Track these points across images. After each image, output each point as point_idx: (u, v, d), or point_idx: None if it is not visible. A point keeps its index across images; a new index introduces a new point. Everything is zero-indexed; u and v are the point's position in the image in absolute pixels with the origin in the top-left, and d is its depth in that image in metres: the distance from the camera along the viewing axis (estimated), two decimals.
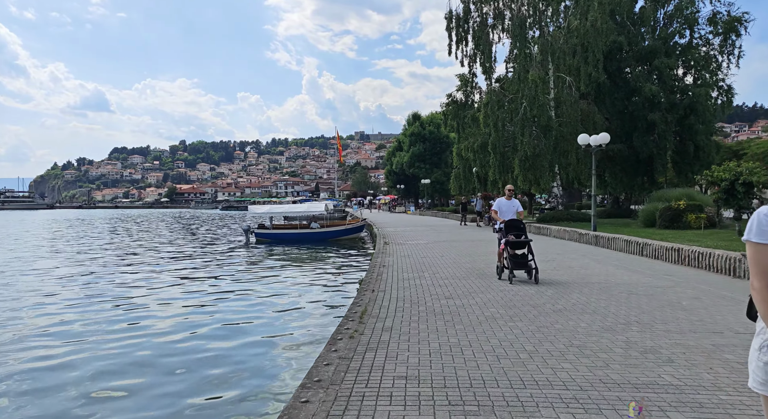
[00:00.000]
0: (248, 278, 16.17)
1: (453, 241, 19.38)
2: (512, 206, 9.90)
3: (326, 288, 14.00)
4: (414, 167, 64.63)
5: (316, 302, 11.84)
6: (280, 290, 13.35)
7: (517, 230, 9.47)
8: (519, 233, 9.44)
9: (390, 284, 9.41)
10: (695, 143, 30.36)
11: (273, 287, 13.97)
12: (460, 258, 13.47)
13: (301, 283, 14.75)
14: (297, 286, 14.20)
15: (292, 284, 14.57)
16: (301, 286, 14.21)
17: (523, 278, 9.60)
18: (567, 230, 19.25)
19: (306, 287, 13.95)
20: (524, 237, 9.44)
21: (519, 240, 9.32)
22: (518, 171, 26.33)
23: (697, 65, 30.97)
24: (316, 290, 13.47)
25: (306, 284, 14.65)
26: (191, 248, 27.79)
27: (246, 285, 14.70)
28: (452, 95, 31.19)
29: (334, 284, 14.51)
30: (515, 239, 9.31)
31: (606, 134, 18.59)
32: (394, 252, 15.30)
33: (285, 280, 15.28)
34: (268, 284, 14.77)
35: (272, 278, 15.92)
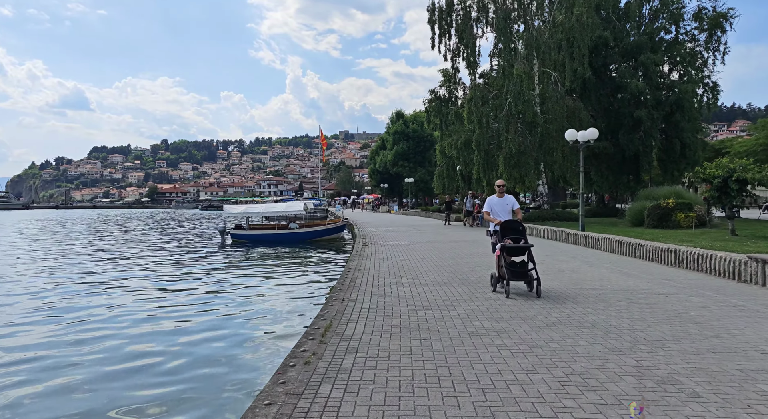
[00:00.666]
0: (216, 282, 15.07)
1: (435, 242, 18.47)
2: (506, 205, 8.51)
3: (297, 295, 12.97)
4: (398, 166, 63.75)
5: (282, 313, 10.81)
6: (246, 298, 12.28)
7: (515, 233, 7.97)
8: (517, 236, 7.94)
9: (363, 291, 8.43)
10: (681, 140, 29.87)
11: (240, 294, 12.89)
12: (442, 261, 12.55)
13: (272, 289, 13.70)
14: (266, 293, 13.14)
15: (260, 291, 13.50)
16: (271, 293, 13.16)
17: (521, 290, 8.29)
18: (554, 230, 18.45)
19: (276, 295, 12.90)
20: (523, 241, 7.93)
21: (517, 245, 7.81)
22: (503, 169, 25.54)
23: (683, 61, 30.51)
24: (284, 297, 12.42)
25: (277, 290, 13.60)
26: (159, 250, 26.52)
27: (210, 292, 13.61)
28: (435, 91, 30.31)
29: (307, 290, 13.48)
30: (513, 244, 7.82)
31: (594, 130, 17.84)
32: (372, 254, 14.33)
33: (255, 286, 14.21)
34: (235, 290, 13.70)
35: (241, 283, 14.84)
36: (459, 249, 15.41)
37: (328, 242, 28.78)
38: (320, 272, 16.69)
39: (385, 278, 9.89)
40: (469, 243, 17.50)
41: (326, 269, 17.14)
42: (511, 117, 25.56)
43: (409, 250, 15.46)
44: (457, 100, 30.48)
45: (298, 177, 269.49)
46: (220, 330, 9.21)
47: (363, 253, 14.66)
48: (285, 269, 17.67)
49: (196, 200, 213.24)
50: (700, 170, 16.67)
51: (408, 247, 16.49)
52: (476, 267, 11.24)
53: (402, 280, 9.56)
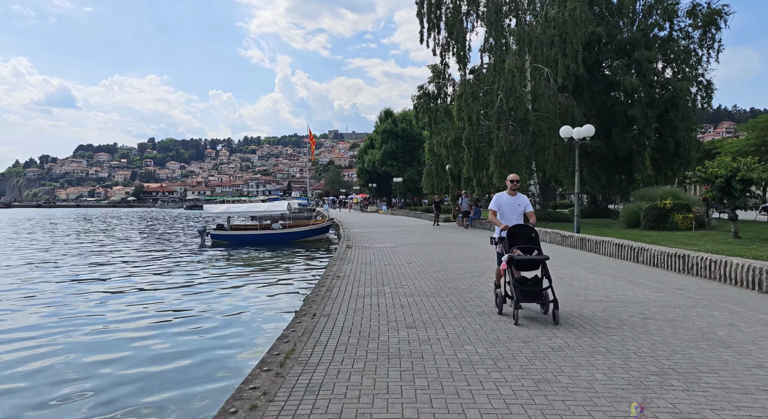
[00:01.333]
0: (186, 290, 13.95)
1: (423, 244, 17.47)
2: (517, 205, 6.75)
3: (271, 305, 11.90)
4: (386, 165, 62.75)
5: (250, 328, 9.74)
6: (212, 312, 11.17)
7: (526, 242, 6.34)
8: (529, 246, 6.33)
9: (339, 304, 7.39)
10: (676, 139, 29.16)
11: (206, 306, 11.77)
12: (429, 266, 11.54)
13: (244, 299, 12.60)
14: (237, 302, 12.04)
15: (231, 301, 12.41)
16: (243, 302, 12.06)
17: (532, 311, 6.64)
18: (548, 232, 17.53)
19: (248, 304, 11.81)
20: (537, 252, 6.32)
21: (528, 258, 6.15)
22: (494, 168, 24.61)
23: (678, 59, 29.81)
24: (255, 308, 11.33)
25: (250, 299, 12.51)
26: (134, 251, 25.28)
27: (176, 302, 12.50)
28: (423, 87, 29.32)
29: (284, 300, 12.41)
30: (523, 256, 6.17)
31: (590, 127, 16.95)
32: (355, 258, 13.30)
33: (226, 294, 13.11)
34: (204, 300, 12.60)
35: (212, 290, 13.74)
36: (448, 253, 14.42)
37: (312, 244, 27.70)
38: (301, 277, 15.62)
39: (365, 286, 8.86)
40: (459, 246, 16.52)
41: (307, 274, 16.08)
42: (503, 114, 24.64)
43: (394, 253, 14.44)
44: (447, 97, 29.54)
45: (286, 177, 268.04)
46: (173, 352, 8.11)
47: (345, 257, 13.62)
48: (263, 274, 16.58)
49: (183, 199, 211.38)
50: (701, 169, 15.85)
51: (394, 250, 15.47)
52: (466, 274, 10.24)
53: (384, 289, 8.53)
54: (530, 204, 6.86)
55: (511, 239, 6.36)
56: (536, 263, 6.24)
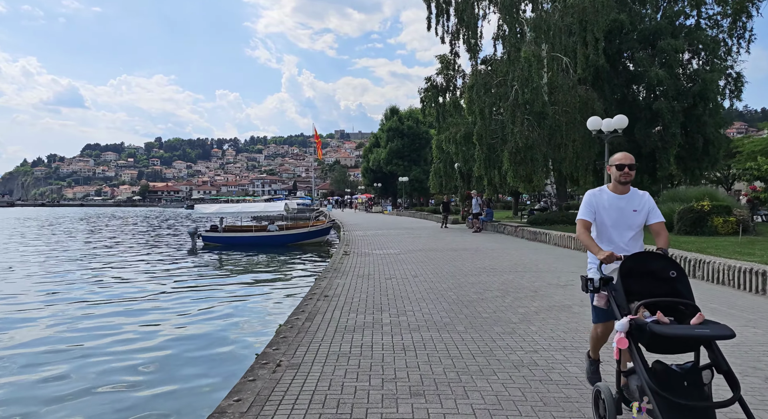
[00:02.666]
0: (155, 306, 12.02)
1: (431, 250, 15.46)
2: (632, 212, 3.62)
3: (240, 336, 9.94)
4: (392, 164, 60.69)
5: (215, 361, 7.77)
6: (177, 336, 9.23)
7: (663, 288, 3.13)
8: (673, 300, 3.04)
9: (317, 343, 5.40)
10: (704, 136, 26.94)
11: (166, 332, 9.83)
12: (439, 281, 9.53)
13: (220, 316, 10.65)
14: (201, 330, 10.07)
15: (205, 318, 10.46)
16: (211, 327, 10.10)
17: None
18: (572, 238, 15.46)
19: (219, 327, 9.85)
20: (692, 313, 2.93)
21: (684, 334, 2.80)
22: (508, 166, 22.56)
23: (706, 49, 27.57)
24: (216, 345, 9.35)
25: (226, 318, 10.56)
26: (119, 254, 23.41)
27: (150, 313, 10.58)
28: (431, 79, 27.25)
29: (255, 323, 10.44)
30: (674, 332, 2.80)
31: (623, 117, 14.94)
32: (350, 269, 11.31)
33: (202, 313, 11.16)
34: (178, 314, 10.66)
35: (184, 309, 11.80)
36: (460, 262, 12.39)
37: (311, 247, 25.74)
38: (287, 293, 13.65)
39: (358, 313, 6.86)
40: (472, 253, 14.49)
41: (296, 289, 14.11)
42: (518, 107, 22.58)
43: (398, 263, 12.43)
44: (456, 89, 27.49)
45: (292, 176, 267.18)
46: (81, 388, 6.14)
47: (340, 267, 11.62)
48: (246, 288, 14.62)
49: (188, 198, 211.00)
50: (753, 165, 13.79)
51: (398, 258, 13.47)
52: (485, 293, 8.23)
53: (382, 318, 6.53)
54: (656, 209, 3.74)
55: (629, 281, 3.15)
56: (697, 342, 2.90)
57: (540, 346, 5.13)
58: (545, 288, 8.64)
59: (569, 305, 7.17)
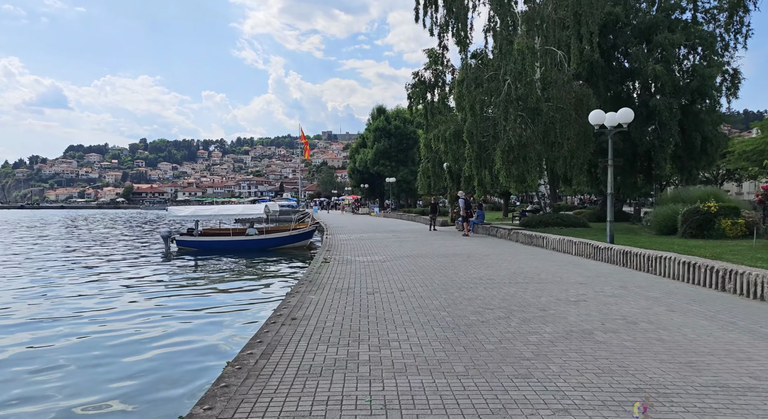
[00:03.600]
0: (110, 318, 10.55)
1: (420, 256, 14.11)
2: None
3: (196, 361, 8.53)
4: (379, 165, 59.34)
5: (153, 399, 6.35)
6: (96, 377, 7.79)
7: None
8: None
9: (268, 399, 4.00)
10: (702, 134, 25.94)
11: (107, 356, 8.39)
12: (430, 296, 8.18)
13: (166, 345, 9.22)
14: (148, 358, 8.64)
15: (149, 345, 9.03)
16: (154, 360, 8.67)
17: None
18: (574, 242, 14.20)
19: (157, 364, 8.43)
20: None
21: None
22: (500, 165, 21.30)
23: (703, 44, 26.55)
24: (166, 374, 7.93)
25: (172, 347, 9.13)
26: (84, 259, 21.79)
27: (86, 335, 9.12)
28: (419, 74, 25.91)
29: (217, 351, 9.03)
30: None
31: (628, 111, 13.73)
32: (328, 281, 9.92)
33: (148, 339, 9.70)
34: (117, 335, 9.21)
35: (137, 322, 10.35)
36: (452, 270, 11.05)
37: (294, 251, 24.30)
38: (258, 310, 12.25)
39: (329, 344, 5.47)
40: (464, 259, 13.17)
41: (270, 303, 12.70)
42: (511, 103, 21.33)
43: (383, 272, 11.06)
44: (445, 85, 26.20)
45: (279, 178, 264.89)
46: None
47: (316, 278, 10.22)
48: (216, 299, 13.18)
49: (173, 200, 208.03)
50: (747, 165, 12.63)
51: (382, 266, 12.10)
52: (485, 312, 6.89)
53: (359, 352, 5.14)
54: None
55: None
56: None
57: (570, 401, 3.78)
58: (554, 305, 7.32)
59: (590, 331, 5.84)
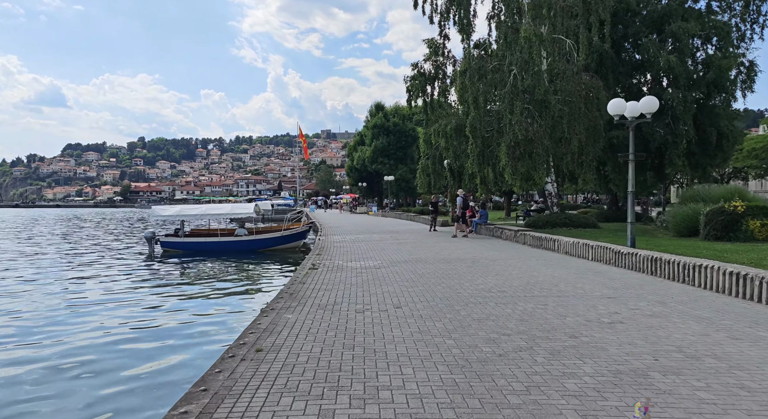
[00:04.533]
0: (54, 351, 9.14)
1: (419, 262, 12.70)
2: None
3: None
4: (377, 163, 57.93)
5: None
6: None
7: None
8: None
9: None
10: (718, 129, 24.50)
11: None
12: (432, 316, 6.77)
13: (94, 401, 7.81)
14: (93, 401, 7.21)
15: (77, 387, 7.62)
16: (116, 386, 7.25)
17: None
18: (590, 246, 12.78)
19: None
20: None
21: None
22: (505, 161, 19.87)
23: (719, 34, 25.11)
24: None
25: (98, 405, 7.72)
26: (63, 261, 20.36)
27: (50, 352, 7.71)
28: (419, 66, 24.45)
29: (154, 398, 7.62)
30: None
31: (652, 100, 12.29)
32: (312, 293, 8.52)
33: (87, 375, 8.29)
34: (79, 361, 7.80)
35: (86, 345, 8.95)
36: (456, 280, 9.64)
37: (287, 253, 22.88)
38: (227, 333, 10.85)
39: (297, 396, 4.04)
40: (468, 265, 11.76)
41: (243, 323, 11.31)
42: (517, 95, 19.90)
43: (377, 282, 9.64)
44: (446, 77, 24.74)
45: (278, 176, 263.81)
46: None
47: (299, 290, 8.81)
48: (188, 310, 11.77)
49: (171, 199, 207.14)
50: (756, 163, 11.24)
51: (377, 274, 10.68)
52: (501, 340, 5.49)
53: (334, 412, 3.72)
54: None
55: None
56: None
57: None
58: (585, 329, 5.91)
59: (643, 372, 4.43)
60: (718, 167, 26.71)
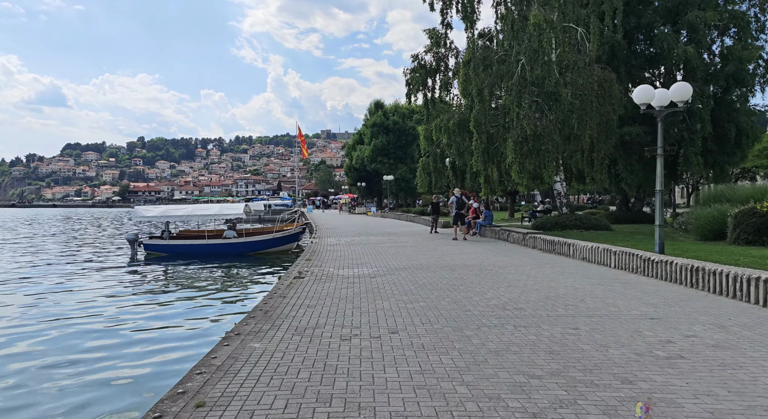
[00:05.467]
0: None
1: (420, 269, 11.28)
2: None
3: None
4: (376, 162, 56.48)
5: None
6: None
7: None
8: None
9: None
10: (737, 125, 23.08)
11: None
12: (436, 345, 5.36)
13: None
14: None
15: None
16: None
17: None
18: (612, 252, 11.32)
19: None
20: None
21: None
22: (512, 158, 18.43)
23: (737, 25, 23.67)
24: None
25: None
26: (38, 265, 18.96)
27: None
28: (419, 57, 22.99)
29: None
30: None
31: (685, 86, 10.86)
32: (292, 310, 7.10)
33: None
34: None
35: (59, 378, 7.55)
36: (464, 293, 8.21)
37: (280, 256, 21.46)
38: (184, 353, 9.46)
39: None
40: (476, 274, 10.33)
41: (204, 342, 9.90)
42: (525, 87, 18.47)
43: (370, 296, 8.22)
44: (448, 70, 23.30)
45: (277, 176, 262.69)
46: None
47: (276, 307, 7.38)
48: (146, 328, 10.35)
49: (170, 198, 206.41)
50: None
51: (371, 285, 9.26)
52: (531, 386, 4.07)
53: None
54: None
55: None
56: None
57: None
58: (639, 369, 4.48)
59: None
60: (735, 166, 25.22)
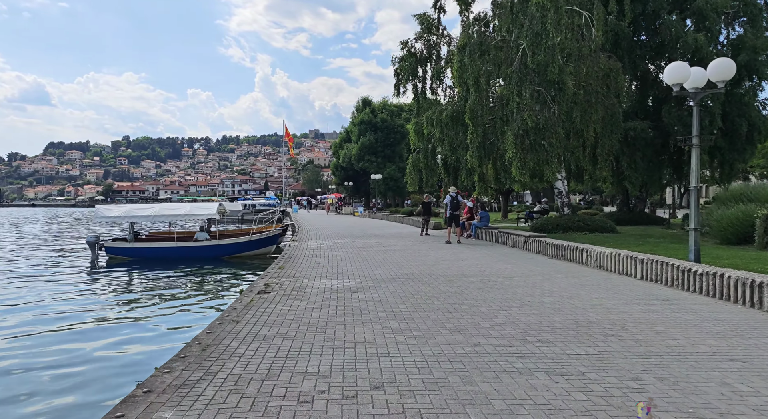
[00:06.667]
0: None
1: (412, 279, 9.49)
2: None
3: None
4: (364, 161, 54.68)
5: None
6: None
7: None
8: None
9: None
10: (749, 120, 21.60)
11: None
12: (446, 410, 3.52)
13: None
14: None
15: None
16: None
17: None
18: (638, 259, 9.59)
19: None
20: None
21: None
22: (512, 153, 16.71)
23: (748, 13, 22.22)
24: None
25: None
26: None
27: None
28: (409, 45, 21.17)
29: None
30: None
31: (728, 62, 9.18)
32: (243, 343, 5.27)
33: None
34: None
35: None
36: (467, 314, 6.43)
37: (258, 260, 19.56)
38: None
39: None
40: (478, 286, 8.56)
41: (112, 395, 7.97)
42: (526, 75, 16.76)
43: (348, 320, 6.41)
44: (441, 59, 21.54)
45: (264, 176, 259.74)
46: None
47: (221, 339, 5.54)
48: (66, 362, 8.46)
49: (155, 198, 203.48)
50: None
51: (351, 302, 7.45)
52: None
53: None
54: None
55: None
56: None
57: None
58: None
59: None
60: (746, 163, 23.81)
